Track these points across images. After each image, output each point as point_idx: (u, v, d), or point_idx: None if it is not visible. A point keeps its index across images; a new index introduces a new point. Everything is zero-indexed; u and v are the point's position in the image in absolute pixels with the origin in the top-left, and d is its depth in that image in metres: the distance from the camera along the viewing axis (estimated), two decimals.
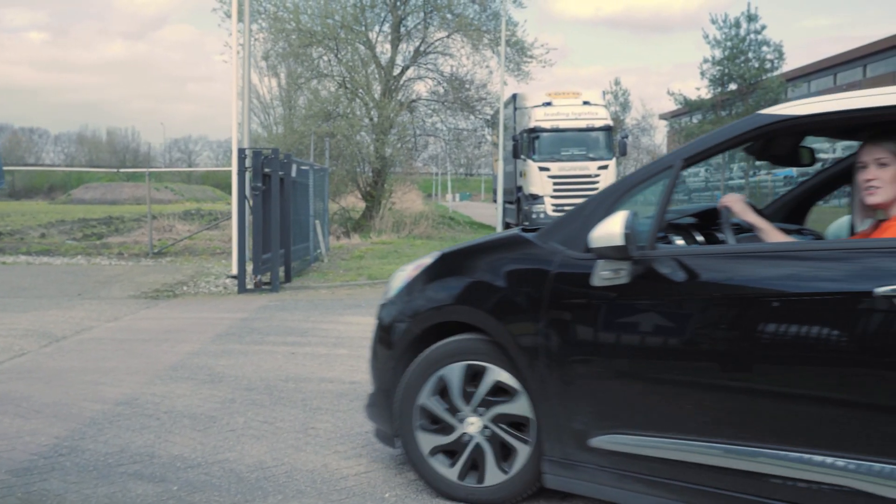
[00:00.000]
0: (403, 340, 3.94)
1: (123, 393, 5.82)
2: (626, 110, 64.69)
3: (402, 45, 26.64)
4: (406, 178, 31.82)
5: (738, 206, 3.59)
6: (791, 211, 4.61)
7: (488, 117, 28.32)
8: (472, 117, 27.91)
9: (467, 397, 3.70)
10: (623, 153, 25.08)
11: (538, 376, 3.46)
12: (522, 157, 24.52)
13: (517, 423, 3.62)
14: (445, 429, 3.76)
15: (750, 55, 39.47)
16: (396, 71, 26.71)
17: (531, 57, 26.77)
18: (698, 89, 41.67)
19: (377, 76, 26.15)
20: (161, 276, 13.95)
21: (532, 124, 24.25)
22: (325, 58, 26.03)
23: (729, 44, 39.75)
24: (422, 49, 26.80)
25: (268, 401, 5.58)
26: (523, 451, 3.60)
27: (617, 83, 69.86)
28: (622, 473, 3.31)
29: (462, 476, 3.73)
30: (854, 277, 2.86)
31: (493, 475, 3.66)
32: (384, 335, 4.06)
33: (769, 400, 2.96)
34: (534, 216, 23.37)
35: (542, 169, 23.73)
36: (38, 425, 4.99)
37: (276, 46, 25.74)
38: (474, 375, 3.70)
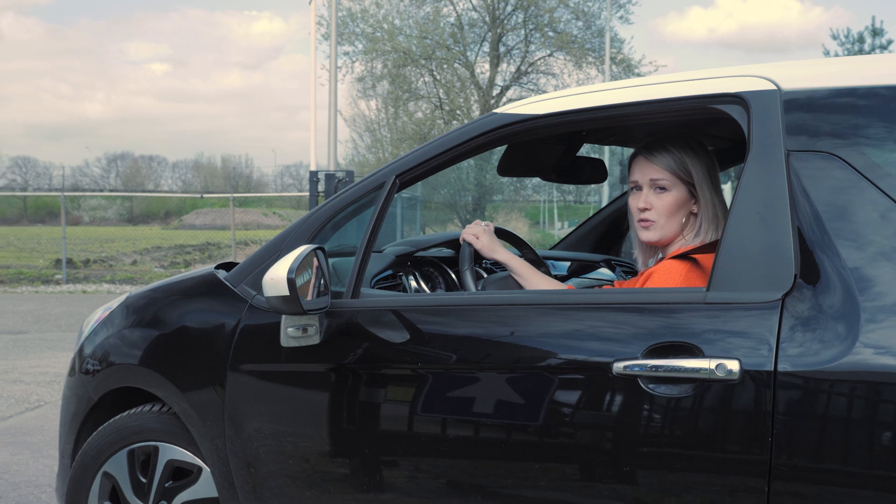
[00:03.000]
0: (81, 409, 3.04)
1: None
2: None
3: (502, 65, 25.78)
4: (512, 206, 30.81)
5: (483, 240, 2.70)
6: (601, 237, 3.82)
7: None
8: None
9: (144, 492, 2.84)
10: (739, 177, 23.41)
11: (223, 465, 2.64)
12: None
13: None
14: None
15: None
16: (496, 91, 25.82)
17: (639, 75, 25.47)
18: None
19: (476, 97, 25.33)
20: None
21: None
22: (424, 79, 25.37)
23: None
24: (522, 68, 25.84)
25: None
26: None
27: None
28: None
29: None
30: (595, 345, 2.06)
31: None
32: (67, 398, 3.15)
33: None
34: None
35: None
36: None
37: (373, 67, 25.22)
38: (147, 461, 2.86)
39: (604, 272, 3.54)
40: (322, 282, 2.40)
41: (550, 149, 2.92)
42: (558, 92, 2.39)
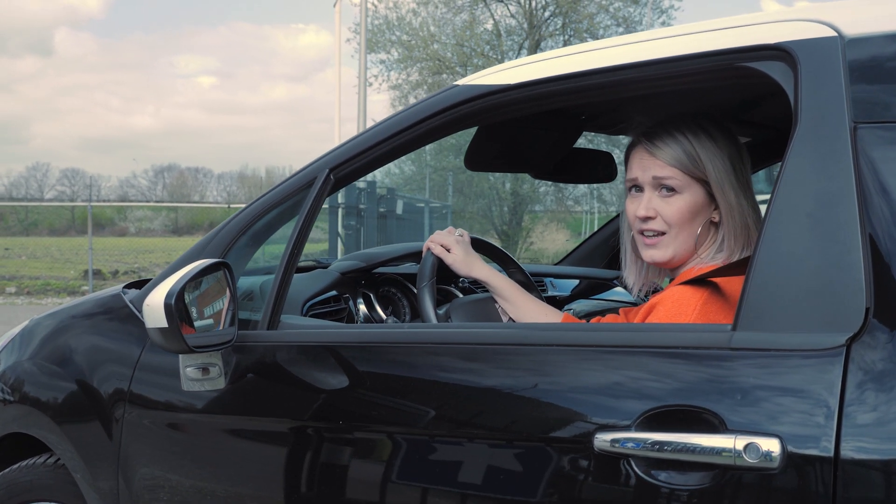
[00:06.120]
0: None
1: None
2: None
3: None
4: (552, 216, 30.10)
5: (456, 253, 2.06)
6: (613, 251, 3.03)
7: None
8: (617, 151, 25.98)
9: None
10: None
11: None
12: None
13: None
14: None
15: None
16: None
17: None
18: None
19: None
20: None
21: None
22: None
23: None
24: None
25: None
26: None
27: None
28: None
29: None
30: (569, 405, 1.44)
31: None
32: None
33: None
34: None
35: None
36: None
37: (408, 75, 24.74)
38: None
39: (619, 291, 2.92)
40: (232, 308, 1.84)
41: (539, 137, 2.29)
42: (540, 54, 1.77)
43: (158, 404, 2.04)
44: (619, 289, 2.94)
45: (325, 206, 11.23)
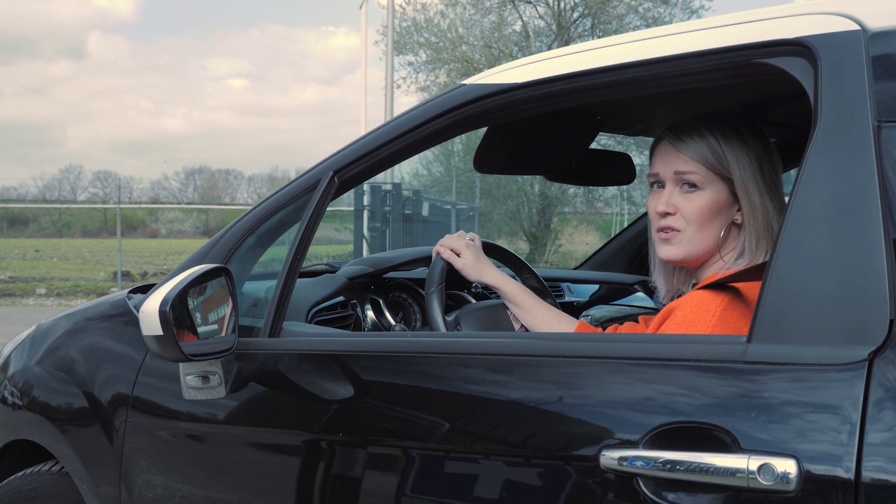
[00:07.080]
0: None
1: None
2: None
3: None
4: (581, 218, 29.86)
5: (466, 257, 2.00)
6: (636, 252, 3.00)
7: None
8: (646, 152, 25.70)
9: None
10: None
11: None
12: None
13: None
14: None
15: None
16: None
17: None
18: None
19: None
20: None
21: None
22: None
23: None
24: None
25: None
26: None
27: None
28: None
29: None
30: (574, 420, 1.37)
31: None
32: None
33: None
34: None
35: None
36: None
37: (436, 77, 24.69)
38: None
39: (640, 297, 2.84)
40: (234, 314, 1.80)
41: (553, 138, 2.22)
42: (549, 52, 1.71)
43: (161, 410, 1.99)
44: (639, 294, 2.86)
45: (349, 208, 11.07)
